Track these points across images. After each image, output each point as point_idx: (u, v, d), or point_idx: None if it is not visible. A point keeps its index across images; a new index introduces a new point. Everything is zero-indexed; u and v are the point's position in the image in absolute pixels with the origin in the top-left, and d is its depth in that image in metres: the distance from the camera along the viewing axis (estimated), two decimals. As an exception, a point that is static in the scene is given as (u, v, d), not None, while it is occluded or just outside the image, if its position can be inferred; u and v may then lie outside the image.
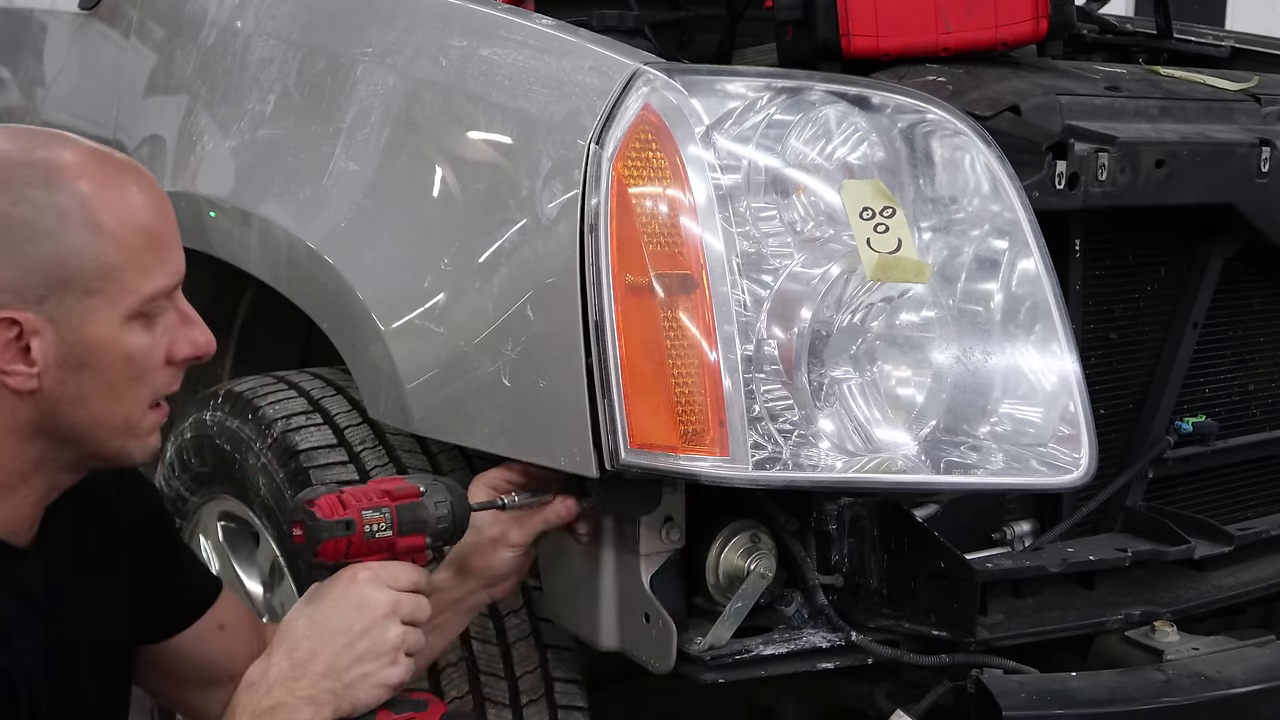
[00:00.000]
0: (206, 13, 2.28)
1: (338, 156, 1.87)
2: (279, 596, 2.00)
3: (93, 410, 1.41)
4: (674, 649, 1.59)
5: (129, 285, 1.39)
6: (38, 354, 1.36)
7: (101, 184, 1.39)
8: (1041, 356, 1.64)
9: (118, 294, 1.38)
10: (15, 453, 1.41)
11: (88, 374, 1.39)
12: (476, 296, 1.63)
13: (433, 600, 1.64)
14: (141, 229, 1.40)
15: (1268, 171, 1.93)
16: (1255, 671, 1.66)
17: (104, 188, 1.39)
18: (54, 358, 1.37)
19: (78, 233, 1.36)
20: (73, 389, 1.39)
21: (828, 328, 1.57)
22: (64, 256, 1.36)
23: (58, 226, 1.36)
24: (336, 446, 1.90)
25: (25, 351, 1.37)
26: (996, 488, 1.77)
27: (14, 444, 1.40)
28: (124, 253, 1.38)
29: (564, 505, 1.62)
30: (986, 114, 1.79)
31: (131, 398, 1.43)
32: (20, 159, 1.38)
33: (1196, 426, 2.01)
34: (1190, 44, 2.83)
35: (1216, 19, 7.04)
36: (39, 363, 1.37)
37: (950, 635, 1.64)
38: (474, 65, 1.75)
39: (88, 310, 1.37)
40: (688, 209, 1.52)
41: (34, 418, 1.40)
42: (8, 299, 1.35)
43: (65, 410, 1.40)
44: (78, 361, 1.38)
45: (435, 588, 1.65)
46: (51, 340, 1.37)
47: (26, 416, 1.39)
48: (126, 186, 1.41)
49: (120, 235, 1.38)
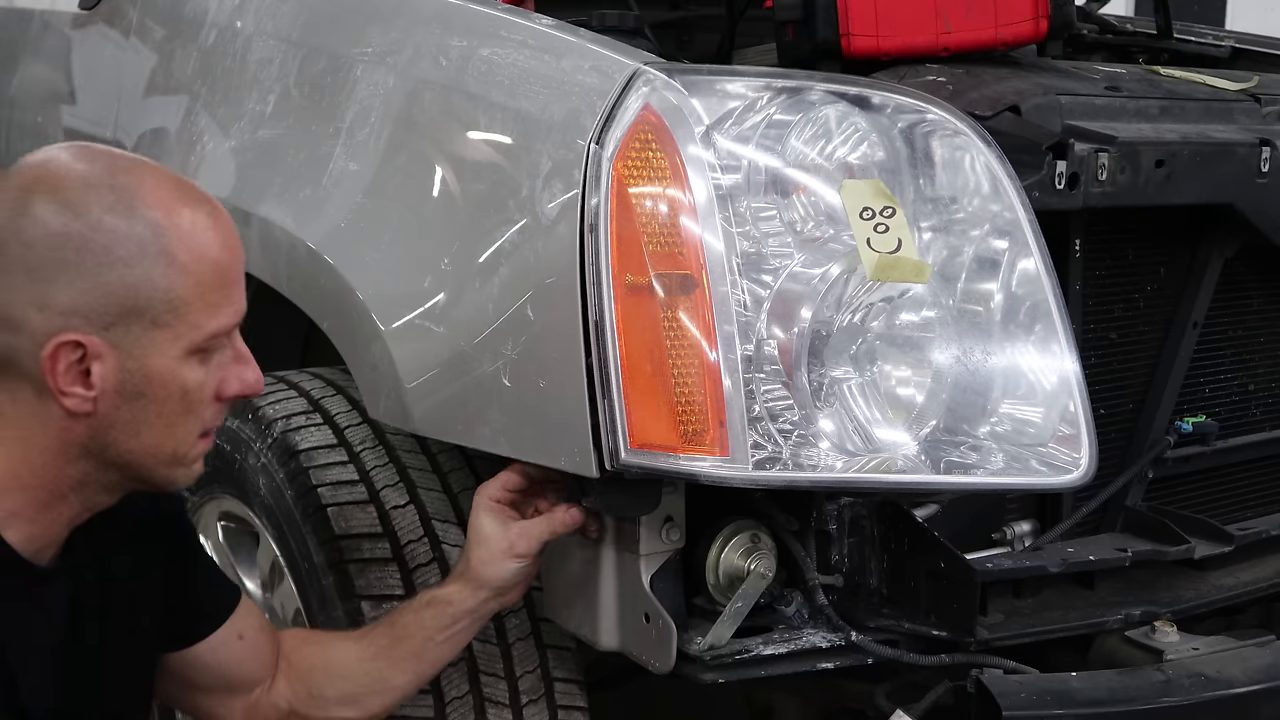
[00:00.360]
0: (206, 12, 2.28)
1: (338, 156, 1.87)
2: (279, 596, 2.00)
3: (143, 439, 1.41)
4: (674, 649, 1.59)
5: (195, 321, 1.39)
6: (97, 378, 1.37)
7: (180, 217, 1.39)
8: (1041, 356, 1.64)
9: (183, 329, 1.39)
10: (58, 471, 1.41)
11: (142, 403, 1.39)
12: (476, 296, 1.63)
13: (446, 613, 1.67)
14: (215, 266, 1.40)
15: (1268, 171, 1.93)
16: (1255, 671, 1.66)
17: (182, 221, 1.39)
18: (112, 384, 1.37)
19: (154, 264, 1.36)
20: (126, 416, 1.39)
21: (828, 328, 1.57)
22: (137, 286, 1.36)
23: (134, 256, 1.36)
24: (336, 446, 1.90)
25: (85, 374, 1.37)
26: (996, 488, 1.77)
27: (58, 462, 1.41)
28: (195, 288, 1.39)
29: (569, 514, 1.64)
30: (986, 114, 1.79)
31: (181, 429, 1.43)
32: (102, 183, 1.37)
33: (1196, 426, 2.01)
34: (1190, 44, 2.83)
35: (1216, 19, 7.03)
36: (97, 387, 1.37)
37: (950, 635, 1.64)
38: (474, 65, 1.75)
39: (152, 341, 1.38)
40: (688, 209, 1.52)
41: (83, 439, 1.40)
42: (77, 322, 1.35)
43: (116, 436, 1.40)
44: (135, 390, 1.39)
45: (448, 601, 1.67)
46: (112, 366, 1.37)
47: (76, 437, 1.40)
48: (204, 221, 1.41)
49: (194, 271, 1.38)
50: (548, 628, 1.84)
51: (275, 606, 2.02)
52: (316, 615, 1.85)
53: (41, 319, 1.35)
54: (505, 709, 1.82)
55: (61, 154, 1.42)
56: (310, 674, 1.73)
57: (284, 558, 1.93)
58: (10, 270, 1.35)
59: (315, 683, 1.72)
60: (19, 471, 1.40)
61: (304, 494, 1.85)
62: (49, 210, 1.35)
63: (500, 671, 1.83)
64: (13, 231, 1.36)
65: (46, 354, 1.35)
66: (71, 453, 1.40)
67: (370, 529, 1.83)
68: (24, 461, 1.40)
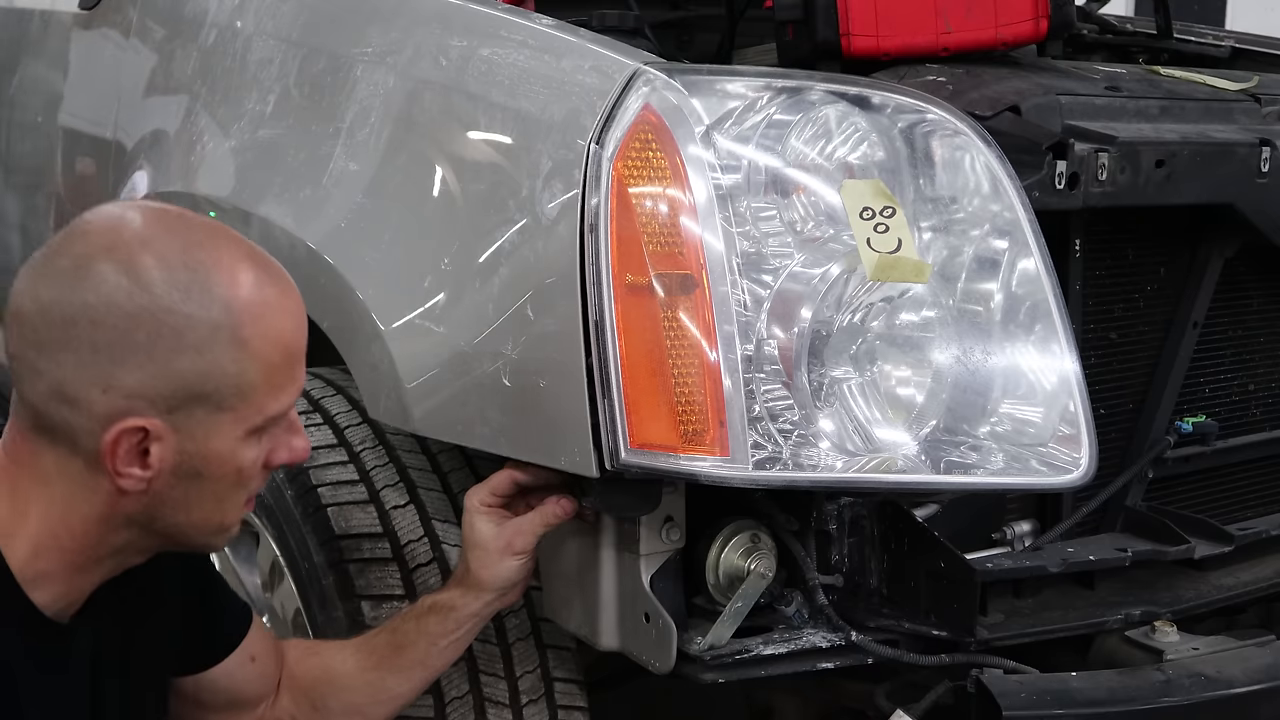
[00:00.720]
0: (206, 12, 2.28)
1: (338, 156, 1.87)
2: (279, 596, 1.99)
3: (193, 514, 1.39)
4: (674, 649, 1.59)
5: (259, 404, 1.37)
6: (155, 459, 1.33)
7: (255, 298, 1.35)
8: (1041, 356, 1.64)
9: (247, 412, 1.36)
10: (100, 539, 1.38)
11: (197, 482, 1.37)
12: (476, 296, 1.63)
13: (450, 618, 1.66)
14: (284, 348, 1.38)
15: (1268, 171, 1.93)
16: (1255, 671, 1.66)
17: (256, 302, 1.35)
18: (170, 464, 1.34)
19: (225, 350, 1.33)
20: (179, 494, 1.37)
21: (828, 328, 1.57)
22: (208, 373, 1.32)
23: (207, 341, 1.32)
24: (336, 446, 1.89)
25: (143, 455, 1.33)
26: (996, 488, 1.77)
27: (100, 530, 1.37)
28: (264, 372, 1.35)
29: (559, 505, 1.63)
30: (986, 114, 1.79)
31: (230, 503, 1.41)
32: (177, 260, 1.32)
33: (1196, 426, 2.01)
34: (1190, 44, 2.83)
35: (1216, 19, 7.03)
36: (154, 468, 1.34)
37: (950, 635, 1.64)
38: (474, 65, 1.75)
39: (214, 424, 1.35)
40: (688, 209, 1.52)
41: (131, 512, 1.37)
42: (141, 405, 1.31)
43: (166, 511, 1.38)
44: (192, 471, 1.36)
45: (450, 607, 1.66)
46: (171, 447, 1.34)
47: (123, 509, 1.36)
48: (278, 302, 1.38)
49: (264, 354, 1.35)
50: (548, 628, 1.84)
51: (275, 606, 2.01)
52: (316, 615, 1.85)
53: (105, 400, 1.30)
54: (505, 709, 1.82)
55: (133, 220, 1.36)
56: (313, 687, 1.72)
57: (284, 558, 1.93)
58: (75, 347, 1.30)
59: (319, 695, 1.72)
60: (58, 533, 1.36)
61: (304, 494, 1.85)
62: (121, 288, 1.30)
63: (500, 671, 1.83)
64: (81, 307, 1.30)
65: (109, 439, 1.31)
66: (116, 522, 1.37)
67: (370, 529, 1.83)
68: (64, 525, 1.36)
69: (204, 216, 1.45)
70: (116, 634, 1.48)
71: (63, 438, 1.34)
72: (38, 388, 1.33)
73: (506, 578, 1.66)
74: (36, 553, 1.36)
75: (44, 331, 1.31)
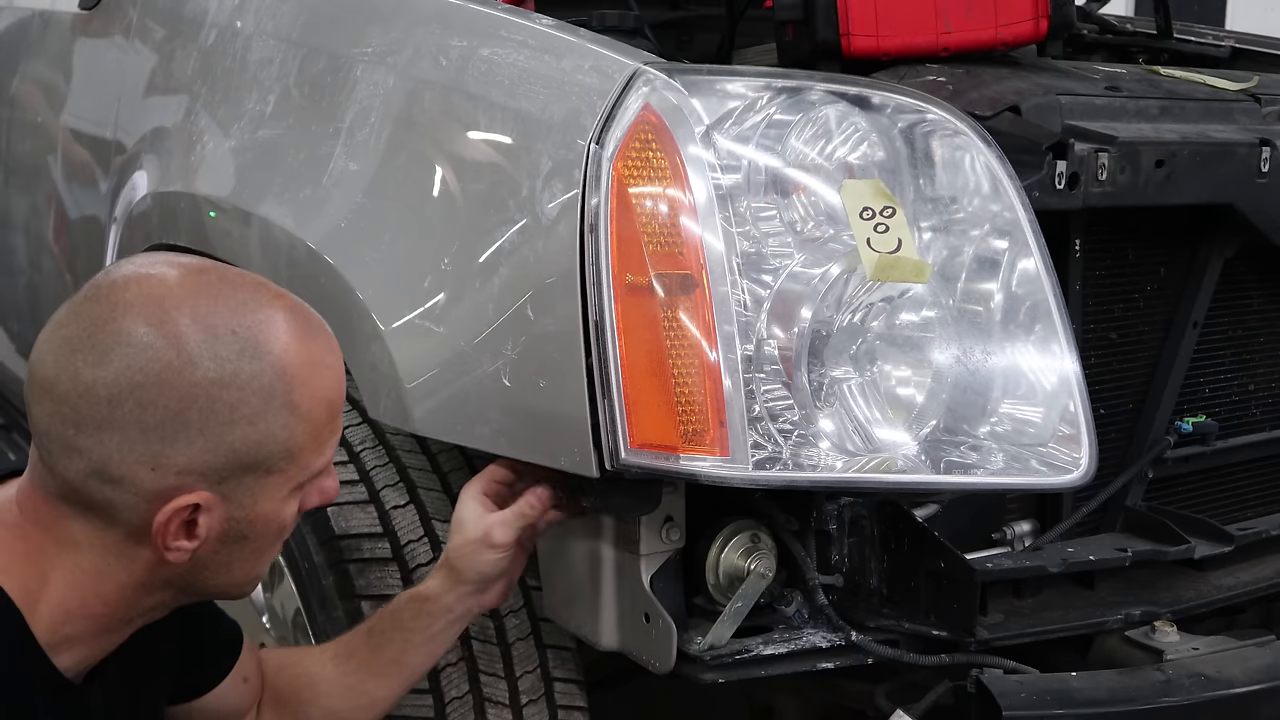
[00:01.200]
0: (206, 12, 2.28)
1: (338, 156, 1.87)
2: (279, 596, 2.00)
3: (234, 573, 1.38)
4: (674, 649, 1.59)
5: (305, 463, 1.35)
6: (202, 529, 1.31)
7: (303, 360, 1.33)
8: (1041, 356, 1.64)
9: (294, 472, 1.35)
10: (134, 602, 1.35)
11: (241, 545, 1.35)
12: (476, 296, 1.63)
13: (424, 608, 1.64)
14: (330, 406, 1.37)
15: (1268, 171, 1.93)
16: (1255, 671, 1.66)
17: (304, 364, 1.33)
18: (217, 533, 1.32)
19: (277, 417, 1.31)
20: (223, 557, 1.35)
21: (828, 328, 1.57)
22: (260, 442, 1.30)
23: (260, 412, 1.29)
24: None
25: (191, 526, 1.31)
26: (996, 488, 1.77)
27: (135, 595, 1.35)
28: (311, 432, 1.34)
29: (535, 496, 1.61)
30: (986, 114, 1.79)
31: (269, 555, 1.40)
32: (226, 328, 1.29)
33: (1196, 426, 2.02)
34: (1190, 44, 2.83)
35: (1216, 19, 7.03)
36: (201, 538, 1.32)
37: (950, 635, 1.64)
38: (474, 65, 1.75)
39: (263, 488, 1.33)
40: (688, 209, 1.52)
41: (169, 577, 1.35)
42: (192, 480, 1.28)
43: (208, 574, 1.36)
44: (238, 535, 1.34)
45: (425, 597, 1.64)
46: (219, 516, 1.32)
47: (161, 576, 1.34)
48: (322, 359, 1.36)
49: (312, 415, 1.34)
50: (548, 628, 1.84)
51: (275, 606, 2.02)
52: (316, 615, 1.85)
53: (153, 478, 1.27)
54: (505, 709, 1.82)
55: (173, 287, 1.30)
56: (294, 697, 1.71)
57: (284, 557, 1.93)
58: (121, 426, 1.26)
59: (300, 705, 1.70)
60: (88, 600, 1.33)
61: (304, 494, 1.85)
62: (171, 367, 1.26)
63: (500, 671, 1.83)
64: (128, 388, 1.25)
65: (161, 519, 1.28)
66: (153, 586, 1.35)
67: (370, 529, 1.83)
68: (95, 592, 1.33)
69: (241, 272, 1.41)
70: (123, 682, 1.47)
71: (99, 512, 1.30)
72: (75, 465, 1.28)
73: (481, 570, 1.63)
74: (65, 619, 1.32)
75: (85, 410, 1.26)
